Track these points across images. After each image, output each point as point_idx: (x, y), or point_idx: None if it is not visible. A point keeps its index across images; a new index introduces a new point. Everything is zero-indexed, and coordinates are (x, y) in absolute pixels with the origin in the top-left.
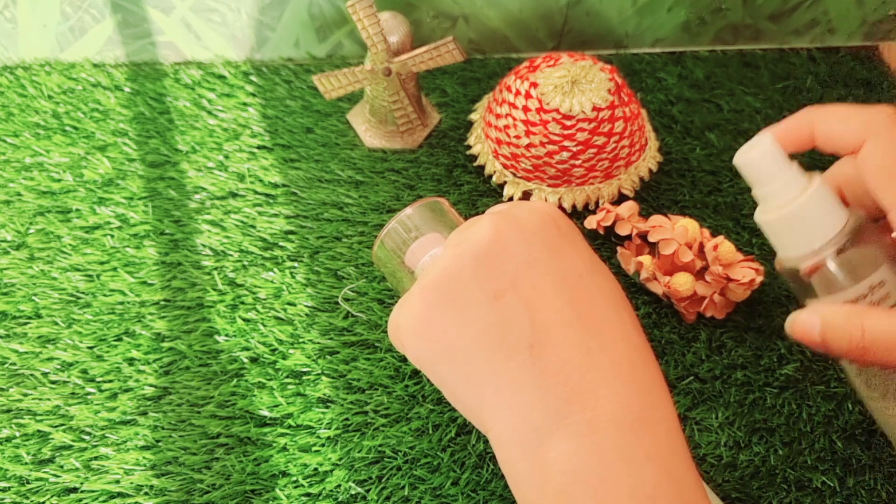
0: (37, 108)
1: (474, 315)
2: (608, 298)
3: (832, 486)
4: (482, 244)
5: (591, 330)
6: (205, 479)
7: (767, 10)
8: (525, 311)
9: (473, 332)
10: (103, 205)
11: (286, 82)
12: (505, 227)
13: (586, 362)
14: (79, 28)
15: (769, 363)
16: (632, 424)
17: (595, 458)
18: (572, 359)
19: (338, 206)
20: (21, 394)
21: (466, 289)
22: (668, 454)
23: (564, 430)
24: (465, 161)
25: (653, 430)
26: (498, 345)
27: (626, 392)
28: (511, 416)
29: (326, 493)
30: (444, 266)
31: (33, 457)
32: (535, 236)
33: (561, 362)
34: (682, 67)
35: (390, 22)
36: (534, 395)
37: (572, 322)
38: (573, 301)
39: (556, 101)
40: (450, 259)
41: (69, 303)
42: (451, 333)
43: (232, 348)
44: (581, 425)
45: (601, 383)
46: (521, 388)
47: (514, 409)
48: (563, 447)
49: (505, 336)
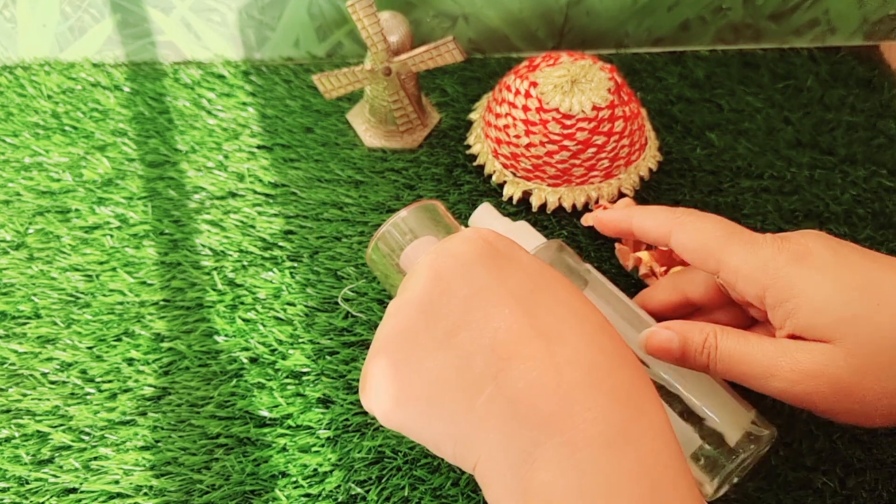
0: (36, 108)
1: (432, 363)
2: (568, 307)
3: (832, 486)
4: (423, 291)
5: (556, 344)
6: (204, 479)
7: (768, 10)
8: (482, 341)
9: (435, 380)
10: (103, 205)
11: (286, 82)
12: (442, 265)
13: (556, 380)
14: (78, 28)
15: None
16: (612, 440)
17: (575, 484)
18: (540, 380)
19: (337, 206)
20: (20, 394)
21: (418, 340)
22: (653, 466)
23: (543, 457)
24: (465, 161)
25: (636, 443)
26: (463, 384)
27: (604, 405)
28: (490, 454)
29: (326, 494)
30: (390, 325)
31: (32, 457)
32: (474, 265)
33: (529, 386)
34: (682, 67)
35: (390, 21)
36: (507, 426)
37: (533, 340)
38: (530, 318)
39: (556, 100)
40: (394, 316)
41: (68, 303)
42: (415, 390)
43: (231, 348)
44: (560, 449)
45: (575, 400)
46: (494, 423)
47: (492, 446)
48: (543, 476)
49: (467, 373)
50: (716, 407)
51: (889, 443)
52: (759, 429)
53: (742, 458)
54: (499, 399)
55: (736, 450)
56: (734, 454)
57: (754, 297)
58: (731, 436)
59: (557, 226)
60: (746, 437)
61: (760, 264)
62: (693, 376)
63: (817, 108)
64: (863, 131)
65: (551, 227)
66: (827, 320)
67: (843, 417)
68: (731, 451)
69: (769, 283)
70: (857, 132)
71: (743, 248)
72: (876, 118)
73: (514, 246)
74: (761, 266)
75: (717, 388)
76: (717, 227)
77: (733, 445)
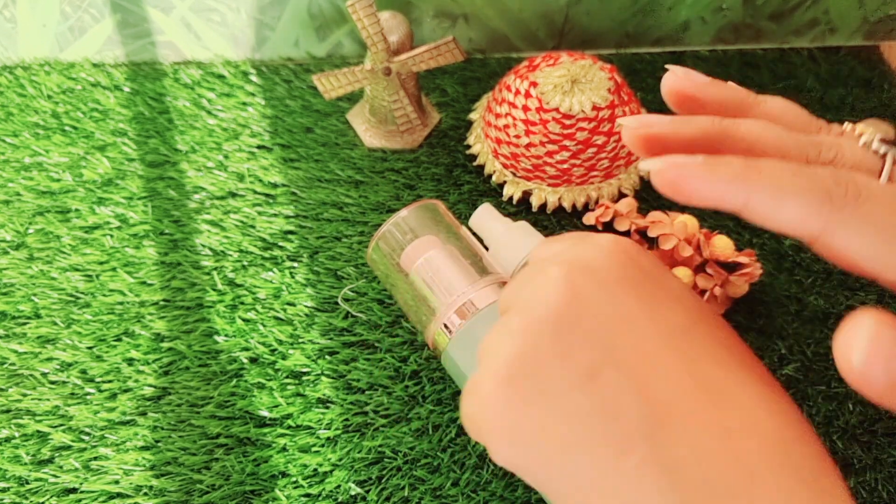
0: (36, 108)
1: (570, 404)
2: (732, 354)
3: None
4: (556, 311)
5: (722, 402)
6: (204, 479)
7: (768, 10)
8: (632, 388)
9: (571, 427)
10: (103, 205)
11: (286, 82)
12: (579, 282)
13: (726, 448)
14: (78, 28)
15: (769, 363)
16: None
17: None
18: (707, 446)
19: (337, 206)
20: (20, 394)
21: (551, 371)
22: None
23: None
24: (464, 161)
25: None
26: (605, 438)
27: (789, 486)
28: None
29: (326, 494)
30: (515, 347)
31: (33, 457)
32: (620, 287)
33: (692, 453)
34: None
35: (390, 21)
36: (664, 500)
37: (696, 395)
38: (689, 365)
39: (556, 100)
40: (519, 337)
41: (68, 303)
42: (544, 432)
43: (231, 348)
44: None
45: (755, 476)
46: (645, 493)
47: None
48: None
49: (612, 425)
50: None
51: (888, 442)
52: None
53: None
54: (653, 464)
55: None
56: None
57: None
58: None
59: (557, 226)
60: None
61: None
62: None
63: (817, 107)
64: None
65: (551, 227)
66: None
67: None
68: None
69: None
70: None
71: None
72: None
73: (661, 267)
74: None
75: None
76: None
77: None
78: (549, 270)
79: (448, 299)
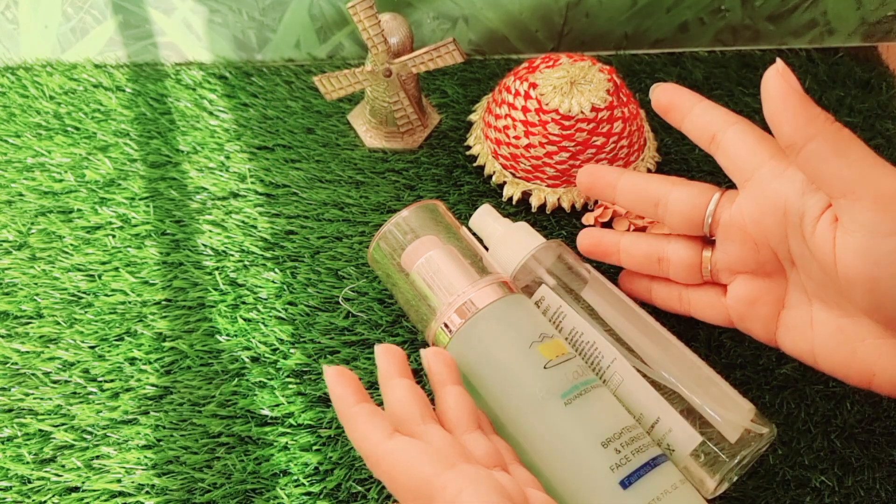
0: (38, 109)
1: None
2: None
3: (830, 485)
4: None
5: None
6: (206, 478)
7: (766, 11)
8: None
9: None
10: (105, 205)
11: (287, 83)
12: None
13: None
14: (80, 29)
15: (767, 363)
16: None
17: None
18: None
19: (338, 207)
20: (23, 393)
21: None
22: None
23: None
24: (465, 161)
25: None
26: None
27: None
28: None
29: (327, 492)
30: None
31: (35, 456)
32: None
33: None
34: (680, 68)
35: (391, 23)
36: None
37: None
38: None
39: (555, 101)
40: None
41: (71, 303)
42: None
43: (233, 348)
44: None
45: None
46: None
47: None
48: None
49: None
50: (716, 405)
51: (887, 441)
52: (758, 426)
53: (742, 456)
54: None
55: (736, 447)
56: (734, 451)
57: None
58: (731, 433)
59: (557, 226)
60: (746, 434)
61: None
62: (694, 374)
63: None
64: (861, 132)
65: (551, 227)
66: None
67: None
68: (731, 449)
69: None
70: (856, 133)
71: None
72: (874, 119)
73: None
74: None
75: (718, 386)
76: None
77: (733, 443)
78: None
79: (448, 299)
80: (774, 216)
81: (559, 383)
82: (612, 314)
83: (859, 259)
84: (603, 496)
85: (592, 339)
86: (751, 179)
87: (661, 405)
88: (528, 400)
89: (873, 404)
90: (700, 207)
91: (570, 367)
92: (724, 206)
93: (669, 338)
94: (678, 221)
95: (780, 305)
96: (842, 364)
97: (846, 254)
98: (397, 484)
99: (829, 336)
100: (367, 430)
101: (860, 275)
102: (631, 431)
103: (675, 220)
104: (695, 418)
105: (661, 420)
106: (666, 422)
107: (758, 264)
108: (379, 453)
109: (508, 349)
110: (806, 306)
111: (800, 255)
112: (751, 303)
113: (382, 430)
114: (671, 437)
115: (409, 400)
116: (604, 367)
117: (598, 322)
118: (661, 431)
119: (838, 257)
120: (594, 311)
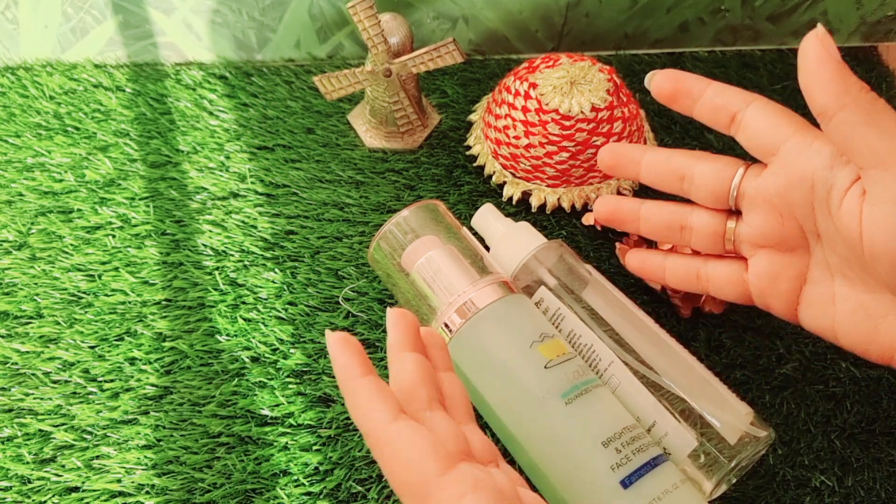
0: (38, 109)
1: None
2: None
3: (830, 485)
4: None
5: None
6: (206, 478)
7: (766, 11)
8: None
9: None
10: (105, 205)
11: (287, 83)
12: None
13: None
14: (80, 29)
15: (767, 363)
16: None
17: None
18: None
19: (338, 207)
20: (23, 393)
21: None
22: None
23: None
24: (465, 161)
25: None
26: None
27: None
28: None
29: (327, 492)
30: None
31: (35, 456)
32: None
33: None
34: (681, 68)
35: (391, 23)
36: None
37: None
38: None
39: (555, 101)
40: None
41: (71, 303)
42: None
43: (233, 348)
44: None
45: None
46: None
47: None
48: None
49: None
50: (714, 407)
51: (887, 441)
52: (756, 429)
53: (740, 458)
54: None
55: (734, 450)
56: (733, 454)
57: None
58: (730, 436)
59: (557, 226)
60: (744, 437)
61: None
62: (693, 377)
63: None
64: None
65: (551, 227)
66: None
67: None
68: (728, 452)
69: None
70: None
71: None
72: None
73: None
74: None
75: (716, 389)
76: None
77: (732, 445)
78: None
79: (449, 298)
80: (801, 189)
81: (559, 383)
82: (613, 316)
83: (886, 232)
84: (603, 496)
85: (591, 342)
86: (776, 154)
87: (657, 409)
88: (529, 400)
89: (873, 404)
90: (726, 180)
91: (570, 367)
92: (750, 179)
93: (669, 340)
94: (704, 195)
95: (801, 281)
96: (863, 341)
97: (872, 227)
98: (394, 473)
99: (851, 312)
100: (371, 408)
101: (886, 248)
102: (631, 431)
103: (701, 194)
104: (692, 421)
105: (658, 423)
106: (662, 425)
107: (781, 238)
108: (381, 436)
109: (509, 349)
110: (828, 282)
111: (825, 229)
112: (773, 278)
113: (387, 409)
114: (667, 440)
115: (418, 379)
116: (601, 369)
117: (598, 323)
118: (658, 435)
119: (864, 230)
120: (594, 312)
